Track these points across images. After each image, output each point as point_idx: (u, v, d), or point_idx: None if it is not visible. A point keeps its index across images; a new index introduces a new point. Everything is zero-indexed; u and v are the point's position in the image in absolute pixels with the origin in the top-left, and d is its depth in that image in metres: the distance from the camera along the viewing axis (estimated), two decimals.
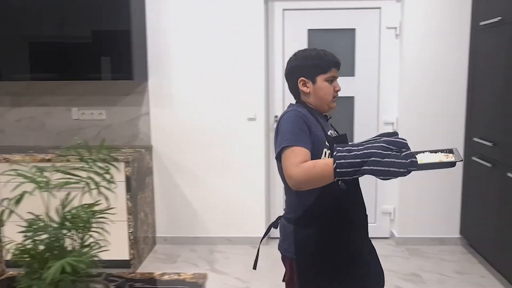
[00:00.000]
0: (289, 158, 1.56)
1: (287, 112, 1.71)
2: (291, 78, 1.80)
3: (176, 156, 3.97)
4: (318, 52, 1.78)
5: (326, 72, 1.75)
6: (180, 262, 3.71)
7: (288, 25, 3.93)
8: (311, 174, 1.50)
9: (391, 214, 4.10)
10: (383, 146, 1.42)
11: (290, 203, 1.79)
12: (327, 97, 1.77)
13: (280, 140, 1.63)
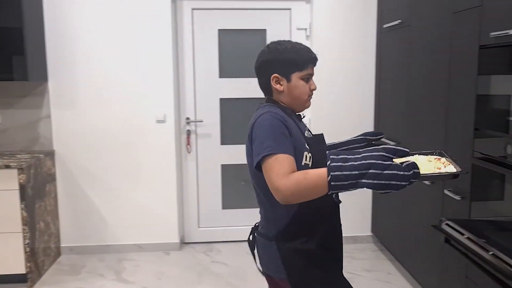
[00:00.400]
0: (274, 168, 1.40)
1: (261, 115, 1.53)
2: (262, 73, 1.64)
3: (82, 161, 3.76)
4: (294, 46, 1.60)
5: (303, 69, 1.59)
6: (85, 273, 3.50)
7: (197, 24, 3.83)
8: (302, 187, 1.35)
9: None
10: (383, 156, 1.27)
11: (268, 218, 1.63)
12: (303, 96, 1.62)
13: (259, 148, 1.46)
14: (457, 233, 1.57)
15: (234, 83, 3.91)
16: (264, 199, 1.60)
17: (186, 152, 3.97)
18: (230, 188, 4.08)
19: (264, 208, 1.64)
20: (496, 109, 2.18)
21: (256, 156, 1.46)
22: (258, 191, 1.62)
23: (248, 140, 1.55)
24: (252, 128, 1.53)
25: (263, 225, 1.66)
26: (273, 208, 1.58)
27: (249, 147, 1.56)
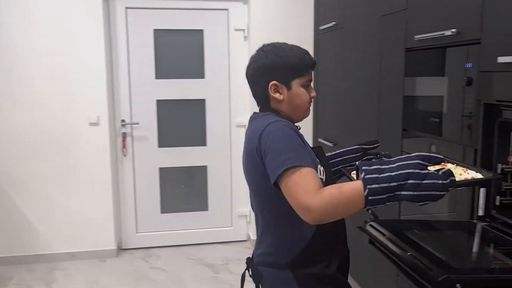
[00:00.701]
0: (300, 184, 1.22)
1: (270, 124, 1.35)
2: (258, 81, 1.47)
3: (7, 166, 3.55)
4: (292, 49, 1.45)
5: (303, 75, 1.45)
6: (12, 285, 3.31)
7: (132, 24, 3.72)
8: (337, 203, 1.18)
9: (246, 217, 4.08)
10: (419, 164, 1.15)
11: (279, 244, 1.44)
12: (304, 105, 1.47)
13: (276, 161, 1.28)
14: (379, 234, 1.58)
15: (171, 84, 3.82)
16: (276, 223, 1.43)
17: (122, 156, 3.84)
18: (169, 192, 3.99)
19: (274, 233, 1.45)
20: (421, 110, 2.24)
21: (273, 171, 1.28)
22: (267, 214, 1.45)
23: (256, 154, 1.35)
24: (260, 139, 1.34)
25: (271, 253, 1.45)
26: (288, 231, 1.42)
27: (255, 162, 1.37)
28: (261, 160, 1.35)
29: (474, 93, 1.79)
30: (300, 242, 1.41)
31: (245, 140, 1.46)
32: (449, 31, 1.89)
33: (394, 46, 2.44)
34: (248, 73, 1.51)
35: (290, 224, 1.38)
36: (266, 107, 1.49)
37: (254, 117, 1.49)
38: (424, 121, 2.19)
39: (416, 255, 1.40)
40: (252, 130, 1.41)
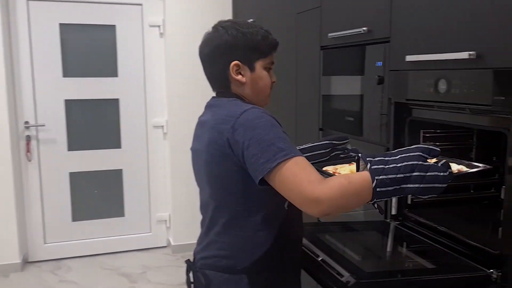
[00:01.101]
0: (301, 175, 1.10)
1: (245, 111, 1.21)
2: (217, 60, 1.32)
3: None
4: (255, 26, 1.32)
5: (267, 56, 1.33)
6: None
7: (35, 18, 3.41)
8: (347, 194, 1.09)
9: (166, 221, 3.91)
10: (421, 156, 1.10)
11: (237, 245, 1.30)
12: (266, 90, 1.35)
13: (265, 154, 1.14)
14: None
15: (81, 83, 3.56)
16: (240, 223, 1.28)
17: (26, 161, 3.52)
18: (81, 198, 3.72)
19: (234, 234, 1.30)
20: (337, 109, 2.22)
21: (262, 165, 1.14)
22: (231, 213, 1.29)
23: (226, 145, 1.21)
24: (234, 129, 1.19)
25: (226, 256, 1.31)
26: (251, 233, 1.28)
27: (223, 155, 1.22)
28: (234, 152, 1.20)
29: (385, 92, 1.78)
30: (262, 245, 1.28)
31: (203, 129, 1.31)
32: (361, 29, 1.87)
33: (309, 44, 2.41)
34: (203, 51, 1.35)
35: (256, 225, 1.27)
36: (226, 91, 1.34)
37: (214, 103, 1.34)
38: (340, 120, 2.18)
39: (327, 260, 1.36)
40: (218, 118, 1.26)
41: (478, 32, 1.31)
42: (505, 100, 1.24)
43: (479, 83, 1.32)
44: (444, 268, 1.38)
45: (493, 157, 1.69)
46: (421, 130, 1.72)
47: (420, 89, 1.55)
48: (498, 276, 1.27)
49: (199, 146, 1.33)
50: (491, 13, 1.27)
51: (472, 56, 1.31)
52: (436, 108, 1.54)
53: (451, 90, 1.41)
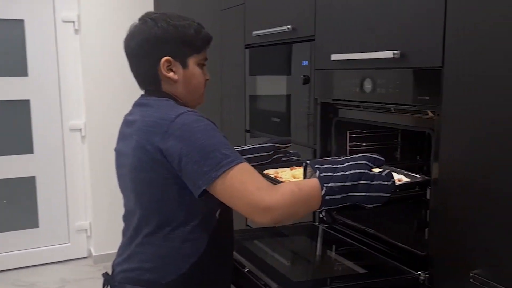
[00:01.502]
0: (249, 182, 1.04)
1: (180, 115, 1.10)
2: (145, 56, 1.20)
3: None
4: (187, 19, 1.22)
5: (200, 51, 1.24)
6: None
7: None
8: (297, 201, 1.05)
9: (87, 230, 3.67)
10: (367, 165, 1.11)
11: (165, 256, 1.18)
12: (200, 88, 1.26)
13: (208, 162, 1.05)
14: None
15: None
16: (167, 233, 1.17)
17: None
18: None
19: (160, 245, 1.18)
20: (264, 109, 2.16)
21: (206, 174, 1.06)
22: (157, 222, 1.18)
23: (157, 151, 1.11)
24: (168, 134, 1.09)
25: (150, 269, 1.19)
26: (178, 244, 1.17)
27: (153, 161, 1.12)
28: (167, 159, 1.10)
29: (311, 92, 1.73)
30: (190, 257, 1.18)
31: (130, 129, 1.19)
32: (285, 27, 1.81)
33: (234, 42, 2.33)
34: (130, 45, 1.22)
35: (184, 235, 1.17)
36: (156, 89, 1.23)
37: (144, 101, 1.22)
38: (267, 121, 2.11)
39: (254, 271, 1.28)
40: (148, 120, 1.15)
41: (402, 31, 1.29)
42: (429, 99, 1.22)
43: (404, 82, 1.31)
44: (372, 272, 1.35)
45: (417, 156, 1.70)
46: (348, 130, 1.69)
47: (346, 89, 1.52)
48: (426, 278, 1.26)
49: (125, 148, 1.20)
50: (415, 12, 1.25)
51: (396, 56, 1.29)
52: (362, 108, 1.52)
53: (377, 89, 1.39)
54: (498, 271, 1.07)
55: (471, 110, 1.10)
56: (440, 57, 1.17)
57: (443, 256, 1.21)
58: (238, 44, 2.27)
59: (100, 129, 3.45)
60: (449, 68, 1.16)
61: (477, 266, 1.11)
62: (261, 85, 2.17)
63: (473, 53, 1.09)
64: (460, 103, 1.13)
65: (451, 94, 1.16)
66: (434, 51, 1.18)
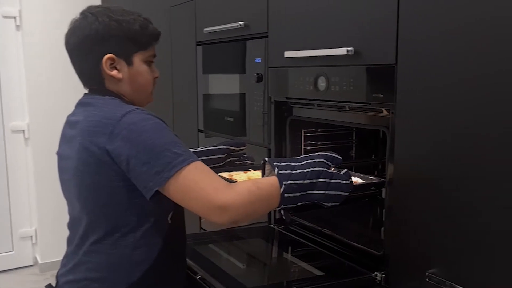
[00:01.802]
0: (204, 181, 1.00)
1: (127, 114, 1.04)
2: (86, 53, 1.13)
3: None
4: (132, 14, 1.15)
5: (147, 48, 1.17)
6: None
7: None
8: (255, 200, 1.03)
9: (32, 237, 3.48)
10: (325, 163, 1.10)
11: (114, 264, 1.11)
12: (148, 87, 1.20)
13: (159, 162, 1.00)
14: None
15: None
16: (116, 240, 1.10)
17: None
18: None
19: (108, 253, 1.11)
20: (217, 108, 2.10)
21: (157, 174, 1.00)
22: (105, 228, 1.11)
23: (104, 153, 1.04)
24: (115, 134, 1.03)
25: (98, 278, 1.12)
26: (129, 251, 1.10)
27: (99, 163, 1.05)
28: (114, 160, 1.04)
29: (265, 90, 1.69)
30: (140, 265, 1.12)
31: (73, 131, 1.12)
32: (237, 24, 1.76)
33: (185, 40, 2.25)
34: (70, 42, 1.15)
35: (134, 241, 1.11)
36: (99, 88, 1.16)
37: (88, 100, 1.16)
38: (220, 121, 2.06)
39: (207, 278, 1.22)
40: (92, 119, 1.08)
41: (356, 28, 1.27)
42: (384, 97, 1.21)
43: (358, 80, 1.29)
44: (329, 274, 1.32)
45: (372, 155, 1.70)
46: (303, 129, 1.66)
47: (300, 87, 1.49)
48: (382, 278, 1.24)
49: (68, 151, 1.13)
50: (369, 8, 1.23)
51: (350, 53, 1.26)
52: (316, 107, 1.49)
53: (331, 87, 1.36)
54: (454, 270, 1.06)
55: (425, 108, 1.09)
56: (393, 54, 1.15)
57: (399, 255, 1.20)
58: (189, 41, 2.20)
59: (45, 130, 3.27)
60: (402, 65, 1.14)
61: (433, 266, 1.10)
62: (214, 84, 2.11)
63: (426, 49, 1.08)
64: (414, 101, 1.12)
65: (404, 91, 1.14)
66: (388, 48, 1.17)
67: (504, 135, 0.94)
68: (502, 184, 0.95)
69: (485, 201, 0.98)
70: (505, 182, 0.94)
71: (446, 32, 1.03)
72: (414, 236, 1.15)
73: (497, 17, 0.94)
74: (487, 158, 0.97)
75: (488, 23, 0.95)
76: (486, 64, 0.96)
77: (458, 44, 1.01)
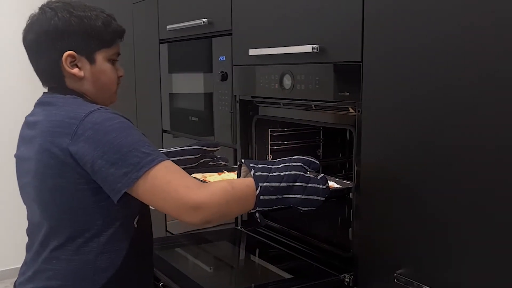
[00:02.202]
0: (175, 180, 0.97)
1: (91, 113, 0.99)
2: (45, 49, 1.07)
3: None
4: (95, 9, 1.10)
5: (111, 46, 1.12)
6: None
7: None
8: (231, 200, 1.00)
9: None
10: (303, 167, 1.08)
11: (76, 271, 1.05)
12: (112, 86, 1.15)
13: (127, 162, 0.96)
14: None
15: None
16: (78, 245, 1.05)
17: None
18: None
19: (69, 258, 1.05)
20: (182, 108, 2.04)
21: (125, 175, 0.96)
22: (66, 233, 1.05)
23: (67, 155, 0.99)
24: (78, 135, 0.98)
25: (60, 287, 1.06)
26: (93, 257, 1.05)
27: (61, 165, 1.01)
28: (77, 162, 0.99)
29: (229, 89, 1.65)
30: (105, 271, 1.07)
31: (33, 132, 1.06)
32: (201, 21, 1.71)
33: (148, 38, 2.19)
34: (27, 38, 1.09)
35: (99, 246, 1.06)
36: (59, 86, 1.11)
37: (48, 100, 1.10)
38: (185, 121, 2.00)
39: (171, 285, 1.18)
40: (54, 119, 1.03)
41: (322, 25, 1.25)
42: (350, 95, 1.19)
43: (324, 78, 1.26)
44: (298, 277, 1.30)
45: (340, 154, 1.68)
46: (269, 129, 1.63)
47: (265, 86, 1.45)
48: (351, 279, 1.22)
49: (27, 153, 1.06)
50: (334, 4, 1.20)
51: (316, 50, 1.24)
52: (282, 106, 1.46)
53: (296, 86, 1.33)
54: (421, 270, 1.05)
55: (391, 107, 1.07)
56: (359, 51, 1.13)
57: (367, 256, 1.19)
58: (152, 39, 2.14)
59: (1, 132, 3.14)
60: (368, 63, 1.12)
61: (401, 266, 1.09)
62: (179, 83, 2.05)
63: (391, 46, 1.06)
64: (380, 99, 1.10)
65: (370, 89, 1.12)
66: (353, 45, 1.14)
67: (469, 134, 0.93)
68: (467, 183, 0.94)
69: (451, 201, 0.97)
70: (470, 182, 0.94)
71: (411, 29, 1.02)
72: (382, 237, 1.13)
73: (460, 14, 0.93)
74: (453, 158, 0.96)
75: (453, 20, 0.94)
76: (451, 62, 0.95)
77: (423, 42, 0.99)
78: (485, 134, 0.90)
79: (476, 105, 0.91)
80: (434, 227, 1.01)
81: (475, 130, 0.92)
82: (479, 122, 0.91)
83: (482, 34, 0.90)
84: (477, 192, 0.93)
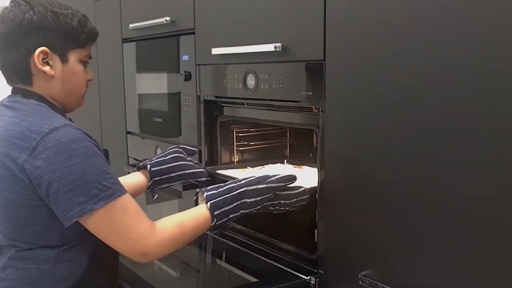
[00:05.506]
0: (128, 223, 0.97)
1: (55, 130, 0.94)
2: (15, 43, 1.01)
3: None
4: (70, 8, 1.06)
5: (84, 46, 1.07)
6: None
7: None
8: (178, 244, 1.03)
9: None
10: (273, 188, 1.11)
11: (33, 281, 1.00)
12: (81, 89, 1.11)
13: (83, 193, 0.93)
14: None
15: None
16: (34, 254, 1.00)
17: None
18: None
19: (26, 267, 1.01)
20: (146, 109, 1.99)
21: (80, 205, 0.93)
22: (18, 242, 1.01)
23: (22, 169, 0.94)
24: (37, 153, 0.93)
25: None
26: (51, 266, 1.01)
27: (12, 177, 0.96)
28: (31, 180, 0.94)
29: (194, 89, 1.61)
30: (64, 280, 1.02)
31: None
32: (163, 20, 1.67)
33: (110, 37, 2.12)
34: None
35: (58, 255, 1.01)
36: (26, 87, 1.05)
37: (11, 104, 1.03)
38: (149, 122, 1.95)
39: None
40: (13, 129, 0.98)
41: (284, 23, 1.22)
42: (313, 95, 1.16)
43: (287, 77, 1.24)
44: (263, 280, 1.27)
45: (310, 154, 1.66)
46: (234, 129, 1.60)
47: (229, 85, 1.42)
48: (316, 281, 1.21)
49: None
50: (296, 2, 1.18)
51: (278, 49, 1.21)
52: (246, 106, 1.43)
53: (260, 85, 1.30)
54: (386, 272, 1.04)
55: (354, 106, 1.06)
56: (321, 50, 1.11)
57: (332, 258, 1.17)
58: (115, 38, 2.08)
59: None
60: (330, 61, 1.10)
61: (366, 268, 1.07)
62: (142, 83, 2.00)
63: (354, 45, 1.04)
64: (343, 99, 1.08)
65: (334, 89, 1.10)
66: (315, 43, 1.12)
67: (433, 133, 0.92)
68: (432, 184, 0.93)
69: (414, 201, 0.96)
70: (434, 182, 0.92)
71: (374, 28, 1.00)
72: (347, 238, 1.12)
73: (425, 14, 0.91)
74: (416, 157, 0.95)
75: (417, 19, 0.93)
76: (414, 60, 0.93)
77: (385, 39, 0.98)
78: (450, 131, 0.89)
79: (441, 102, 0.90)
80: (397, 229, 1.00)
81: (440, 128, 0.90)
82: (444, 119, 0.90)
83: (443, 27, 0.88)
84: (442, 193, 0.91)
